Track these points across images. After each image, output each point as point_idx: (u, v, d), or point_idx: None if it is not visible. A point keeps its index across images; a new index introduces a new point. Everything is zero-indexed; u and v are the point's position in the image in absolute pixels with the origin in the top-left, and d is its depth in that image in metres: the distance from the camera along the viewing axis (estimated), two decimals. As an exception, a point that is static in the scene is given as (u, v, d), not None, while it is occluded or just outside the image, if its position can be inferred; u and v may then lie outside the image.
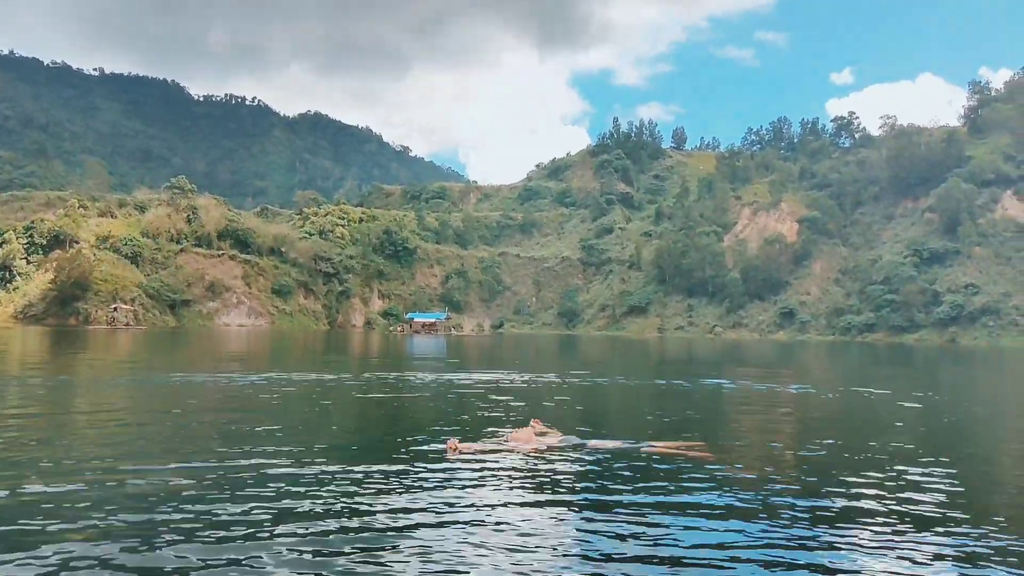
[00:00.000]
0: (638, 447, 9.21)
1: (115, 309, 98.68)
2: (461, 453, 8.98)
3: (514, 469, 8.14)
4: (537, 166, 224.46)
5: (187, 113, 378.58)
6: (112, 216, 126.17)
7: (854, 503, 6.79)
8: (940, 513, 6.57)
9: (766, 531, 5.60)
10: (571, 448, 9.30)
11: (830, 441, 10.43)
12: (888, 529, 5.92)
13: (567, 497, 6.86)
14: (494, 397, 16.67)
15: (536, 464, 8.41)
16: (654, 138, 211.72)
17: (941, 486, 7.82)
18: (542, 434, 9.77)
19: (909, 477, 8.06)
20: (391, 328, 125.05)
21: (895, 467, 8.70)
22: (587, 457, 8.81)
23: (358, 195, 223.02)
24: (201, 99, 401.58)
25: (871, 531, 5.85)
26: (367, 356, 40.28)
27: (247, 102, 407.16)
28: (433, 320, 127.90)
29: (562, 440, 9.64)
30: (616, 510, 6.30)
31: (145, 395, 16.10)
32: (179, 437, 10.27)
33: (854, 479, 7.86)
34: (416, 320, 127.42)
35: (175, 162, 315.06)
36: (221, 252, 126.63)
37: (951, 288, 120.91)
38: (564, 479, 7.72)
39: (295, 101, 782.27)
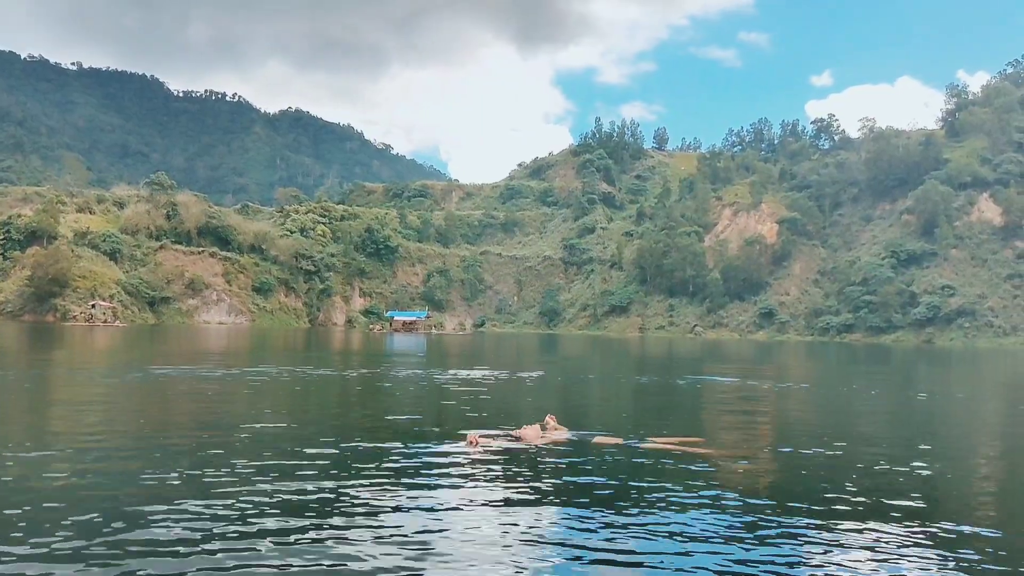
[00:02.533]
0: (640, 443, 9.28)
1: (93, 306, 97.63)
2: (479, 446, 9.18)
3: (516, 463, 8.20)
4: (519, 165, 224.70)
5: (166, 108, 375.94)
6: (90, 212, 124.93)
7: (841, 496, 6.91)
8: (919, 506, 6.70)
9: (758, 530, 5.68)
10: (577, 444, 9.38)
11: (819, 435, 10.59)
12: (873, 524, 6.02)
13: (563, 491, 6.92)
14: (476, 393, 16.73)
15: (538, 459, 8.47)
16: (636, 138, 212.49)
17: (919, 478, 7.97)
18: (554, 430, 9.90)
19: (891, 469, 8.21)
20: (371, 326, 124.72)
21: (878, 461, 8.85)
22: (589, 453, 8.89)
23: (339, 193, 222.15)
24: (180, 94, 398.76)
25: (858, 528, 5.95)
26: (346, 353, 40.18)
27: (227, 98, 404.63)
28: (413, 318, 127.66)
29: (570, 436, 9.76)
30: (612, 505, 6.36)
31: (123, 388, 16.01)
32: (155, 428, 10.24)
33: (841, 473, 8.00)
34: (396, 318, 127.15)
35: (153, 158, 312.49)
36: (201, 249, 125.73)
37: (928, 289, 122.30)
38: (562, 474, 7.79)
39: (274, 97, 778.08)
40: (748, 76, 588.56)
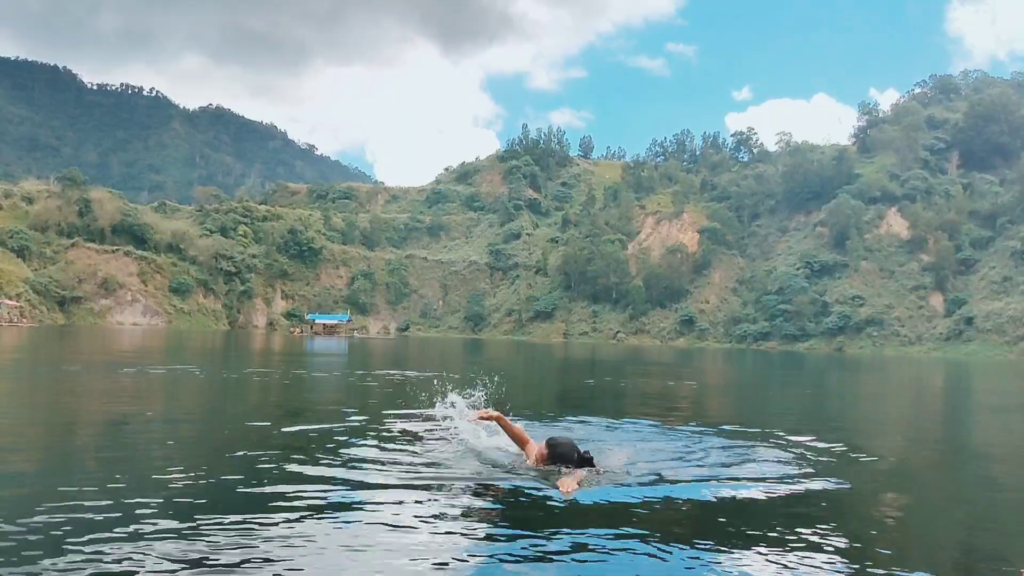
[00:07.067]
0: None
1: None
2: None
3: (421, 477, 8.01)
4: (446, 169, 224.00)
5: (78, 101, 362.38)
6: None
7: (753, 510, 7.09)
8: (830, 524, 6.94)
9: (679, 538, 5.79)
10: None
11: (759, 434, 10.87)
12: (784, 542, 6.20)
13: (473, 509, 6.87)
14: (399, 391, 16.62)
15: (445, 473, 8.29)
16: (562, 146, 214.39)
17: (832, 490, 8.24)
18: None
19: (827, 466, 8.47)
20: (292, 329, 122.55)
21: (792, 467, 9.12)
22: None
23: (261, 193, 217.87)
24: (94, 87, 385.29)
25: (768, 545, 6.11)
26: (265, 354, 39.32)
27: (144, 92, 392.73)
28: (335, 321, 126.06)
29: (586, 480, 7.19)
30: (525, 521, 6.38)
31: (27, 386, 15.38)
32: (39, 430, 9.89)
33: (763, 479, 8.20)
34: (318, 321, 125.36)
35: (65, 152, 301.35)
36: (115, 248, 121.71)
37: (839, 299, 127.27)
38: (474, 488, 7.71)
39: (191, 91, 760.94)
40: (673, 86, 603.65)
